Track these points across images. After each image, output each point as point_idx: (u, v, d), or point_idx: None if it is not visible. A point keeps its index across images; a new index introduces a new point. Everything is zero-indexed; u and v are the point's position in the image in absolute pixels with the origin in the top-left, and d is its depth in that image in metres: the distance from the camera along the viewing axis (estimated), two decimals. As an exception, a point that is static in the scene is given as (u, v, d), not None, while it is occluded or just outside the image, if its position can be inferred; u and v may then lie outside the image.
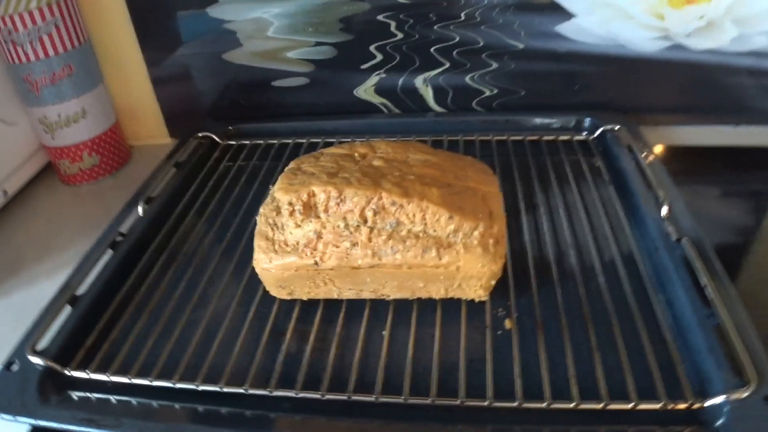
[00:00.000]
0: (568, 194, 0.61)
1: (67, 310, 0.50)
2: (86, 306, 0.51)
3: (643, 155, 0.62)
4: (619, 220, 0.57)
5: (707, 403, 0.39)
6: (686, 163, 0.69)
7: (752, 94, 0.70)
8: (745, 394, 0.38)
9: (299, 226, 0.46)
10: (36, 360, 0.45)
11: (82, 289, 0.52)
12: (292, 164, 0.50)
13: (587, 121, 0.70)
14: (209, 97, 0.80)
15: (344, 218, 0.45)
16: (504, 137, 0.70)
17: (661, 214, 0.54)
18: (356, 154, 0.50)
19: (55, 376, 0.46)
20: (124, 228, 0.60)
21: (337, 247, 0.45)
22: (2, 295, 0.59)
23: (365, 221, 0.45)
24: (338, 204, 0.45)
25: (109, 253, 0.56)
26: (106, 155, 0.75)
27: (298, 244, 0.46)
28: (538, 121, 0.71)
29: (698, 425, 0.39)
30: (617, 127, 0.67)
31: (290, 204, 0.45)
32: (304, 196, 0.45)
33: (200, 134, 0.74)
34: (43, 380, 0.45)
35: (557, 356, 0.44)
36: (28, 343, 0.47)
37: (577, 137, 0.69)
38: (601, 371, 0.42)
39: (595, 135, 0.69)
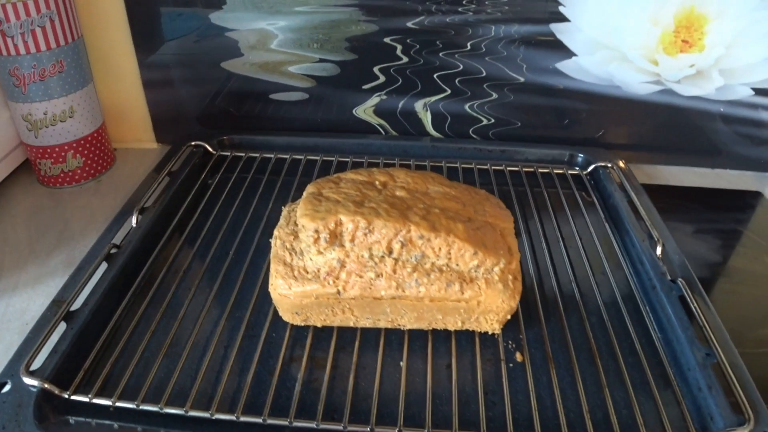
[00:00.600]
0: (564, 226, 0.63)
1: (62, 327, 0.48)
2: (83, 323, 0.48)
3: (634, 193, 0.65)
4: (615, 255, 0.60)
5: (710, 440, 0.42)
6: (666, 200, 0.72)
7: (729, 140, 0.75)
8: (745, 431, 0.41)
9: (321, 253, 0.45)
10: (31, 381, 0.43)
11: (76, 305, 0.50)
12: (311, 188, 0.50)
13: (580, 157, 0.73)
14: (200, 104, 0.78)
15: (369, 249, 0.45)
16: (501, 167, 0.71)
17: (657, 253, 0.56)
18: (377, 182, 0.50)
19: (52, 400, 0.43)
20: (117, 239, 0.57)
21: (361, 277, 0.45)
22: (-21, 304, 0.55)
23: (390, 253, 0.45)
24: (366, 235, 0.45)
25: (104, 266, 0.54)
26: (90, 158, 0.72)
27: (319, 271, 0.46)
28: (533, 152, 0.74)
29: (702, 461, 0.41)
30: (609, 165, 0.70)
31: (316, 231, 0.45)
32: (332, 225, 0.45)
33: (193, 143, 0.72)
34: (39, 404, 0.42)
35: (568, 390, 0.46)
36: (21, 362, 0.44)
37: (571, 171, 0.72)
38: (611, 406, 0.44)
39: (588, 171, 0.72)
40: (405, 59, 0.71)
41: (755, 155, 0.76)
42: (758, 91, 0.71)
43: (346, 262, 0.45)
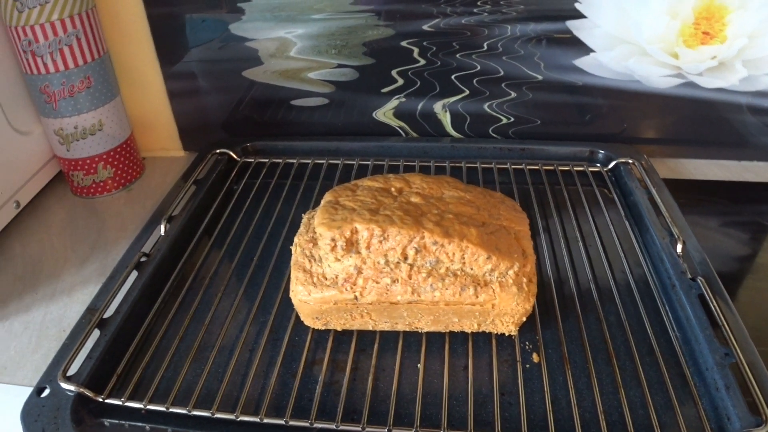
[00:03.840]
0: (584, 224, 0.63)
1: (95, 333, 0.50)
2: (115, 330, 0.51)
3: (656, 190, 0.64)
4: (635, 253, 0.59)
5: (727, 441, 0.42)
6: (689, 194, 0.71)
7: (755, 132, 0.73)
8: (762, 433, 0.41)
9: (339, 260, 0.47)
10: (68, 386, 0.45)
11: (109, 312, 0.52)
12: (329, 196, 0.51)
13: (601, 154, 0.73)
14: (224, 112, 0.80)
15: (385, 255, 0.46)
16: (521, 165, 0.72)
17: (677, 251, 0.56)
18: (393, 189, 0.51)
19: (88, 404, 0.46)
20: (146, 247, 0.60)
21: (377, 282, 0.46)
22: (21, 311, 0.58)
23: (405, 258, 0.46)
24: (381, 242, 0.46)
25: (134, 274, 0.56)
26: (120, 168, 0.75)
27: (337, 278, 0.47)
28: (553, 150, 0.73)
29: (718, 462, 0.41)
30: (630, 161, 0.70)
31: (333, 240, 0.46)
32: (348, 233, 0.46)
33: (218, 151, 0.75)
34: (76, 408, 0.45)
35: (584, 390, 0.46)
36: (59, 368, 0.47)
37: (591, 168, 0.72)
38: (627, 406, 0.44)
39: (609, 167, 0.71)
40: (422, 62, 0.72)
41: (784, 146, 0.74)
42: (785, 81, 0.69)
43: (362, 269, 0.46)
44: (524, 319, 0.49)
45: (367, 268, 0.46)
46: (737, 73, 0.69)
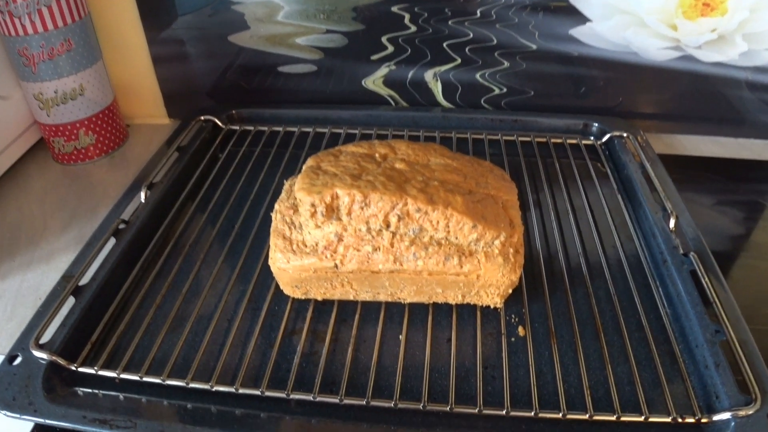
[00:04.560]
0: (576, 198, 0.62)
1: (70, 301, 0.49)
2: (90, 297, 0.49)
3: (650, 165, 0.62)
4: (627, 227, 0.58)
5: (714, 418, 0.40)
6: (684, 170, 0.70)
7: (753, 109, 0.72)
8: (751, 411, 0.40)
9: (319, 227, 0.45)
10: (40, 354, 0.44)
11: (85, 279, 0.51)
12: (311, 161, 0.49)
13: (595, 126, 0.71)
14: (210, 78, 0.77)
15: (367, 222, 0.44)
16: (512, 137, 0.70)
17: (669, 226, 0.55)
18: (377, 155, 0.49)
19: (60, 372, 0.44)
20: (126, 214, 0.58)
21: (358, 250, 0.45)
22: (-3, 278, 0.57)
23: (388, 226, 0.45)
24: (362, 208, 0.44)
25: (112, 241, 0.55)
26: (102, 134, 0.73)
27: (317, 245, 0.45)
28: (546, 122, 0.72)
29: (705, 439, 0.40)
30: (625, 134, 0.68)
31: (312, 205, 0.45)
32: (328, 198, 0.44)
33: (202, 118, 0.73)
34: (48, 376, 0.44)
35: (570, 365, 0.45)
36: (31, 335, 0.45)
37: (585, 141, 0.70)
38: (613, 382, 0.43)
39: (603, 140, 0.70)
40: (413, 28, 0.70)
41: (782, 123, 0.73)
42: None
43: (343, 236, 0.45)
44: (510, 291, 0.48)
45: (348, 236, 0.45)
46: (737, 47, 0.67)
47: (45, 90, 0.67)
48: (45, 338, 0.46)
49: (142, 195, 0.59)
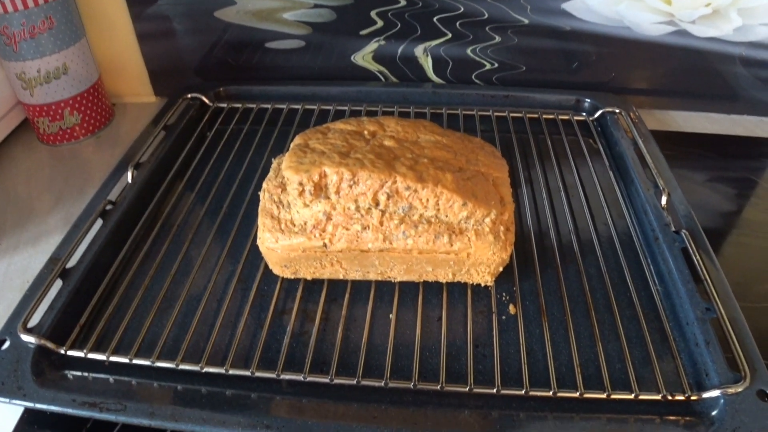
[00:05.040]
0: (567, 175, 0.61)
1: (58, 284, 0.48)
2: (78, 280, 0.49)
3: (642, 141, 0.62)
4: (618, 204, 0.58)
5: (704, 396, 0.41)
6: (676, 146, 0.69)
7: (747, 85, 0.71)
8: (740, 389, 0.40)
9: (307, 206, 0.45)
10: (29, 338, 0.44)
11: (72, 262, 0.50)
12: (298, 139, 0.48)
13: (587, 102, 0.70)
14: (197, 55, 0.76)
15: (356, 201, 0.44)
16: (504, 113, 0.69)
17: (661, 203, 0.54)
18: (366, 132, 0.48)
19: (49, 356, 0.44)
20: (113, 195, 0.57)
21: (347, 229, 0.44)
22: (-17, 262, 0.56)
23: (377, 204, 0.44)
24: (351, 186, 0.44)
25: (99, 222, 0.54)
26: (88, 114, 0.71)
27: (305, 224, 0.45)
28: (538, 98, 0.71)
29: (694, 416, 0.40)
30: (617, 110, 0.67)
31: (300, 184, 0.44)
32: (316, 177, 0.44)
33: (189, 95, 0.71)
34: (37, 360, 0.43)
35: (561, 343, 0.45)
36: (19, 319, 0.45)
37: (577, 117, 0.69)
38: (604, 360, 0.43)
39: (595, 116, 0.69)
40: (403, 2, 0.68)
41: (776, 100, 0.72)
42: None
43: (332, 215, 0.44)
44: (501, 269, 0.47)
45: (337, 214, 0.44)
46: (732, 22, 0.66)
47: (27, 69, 0.65)
48: (33, 322, 0.45)
49: (129, 175, 0.59)
